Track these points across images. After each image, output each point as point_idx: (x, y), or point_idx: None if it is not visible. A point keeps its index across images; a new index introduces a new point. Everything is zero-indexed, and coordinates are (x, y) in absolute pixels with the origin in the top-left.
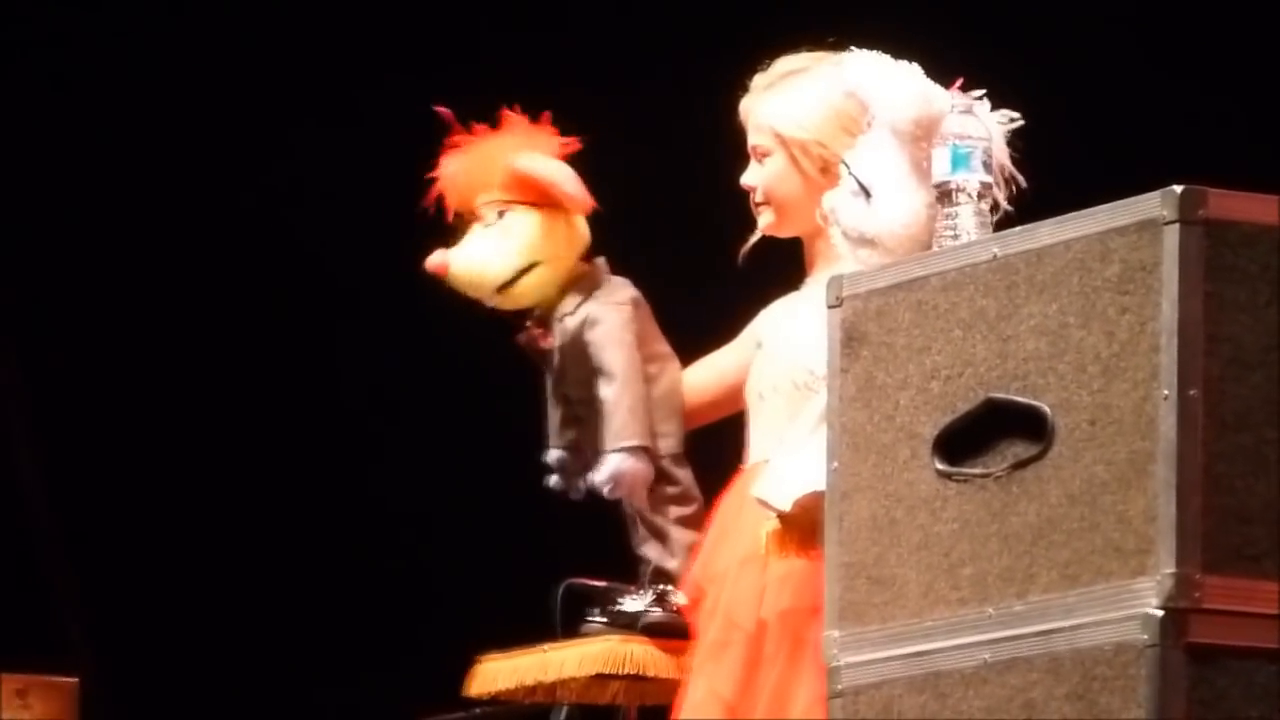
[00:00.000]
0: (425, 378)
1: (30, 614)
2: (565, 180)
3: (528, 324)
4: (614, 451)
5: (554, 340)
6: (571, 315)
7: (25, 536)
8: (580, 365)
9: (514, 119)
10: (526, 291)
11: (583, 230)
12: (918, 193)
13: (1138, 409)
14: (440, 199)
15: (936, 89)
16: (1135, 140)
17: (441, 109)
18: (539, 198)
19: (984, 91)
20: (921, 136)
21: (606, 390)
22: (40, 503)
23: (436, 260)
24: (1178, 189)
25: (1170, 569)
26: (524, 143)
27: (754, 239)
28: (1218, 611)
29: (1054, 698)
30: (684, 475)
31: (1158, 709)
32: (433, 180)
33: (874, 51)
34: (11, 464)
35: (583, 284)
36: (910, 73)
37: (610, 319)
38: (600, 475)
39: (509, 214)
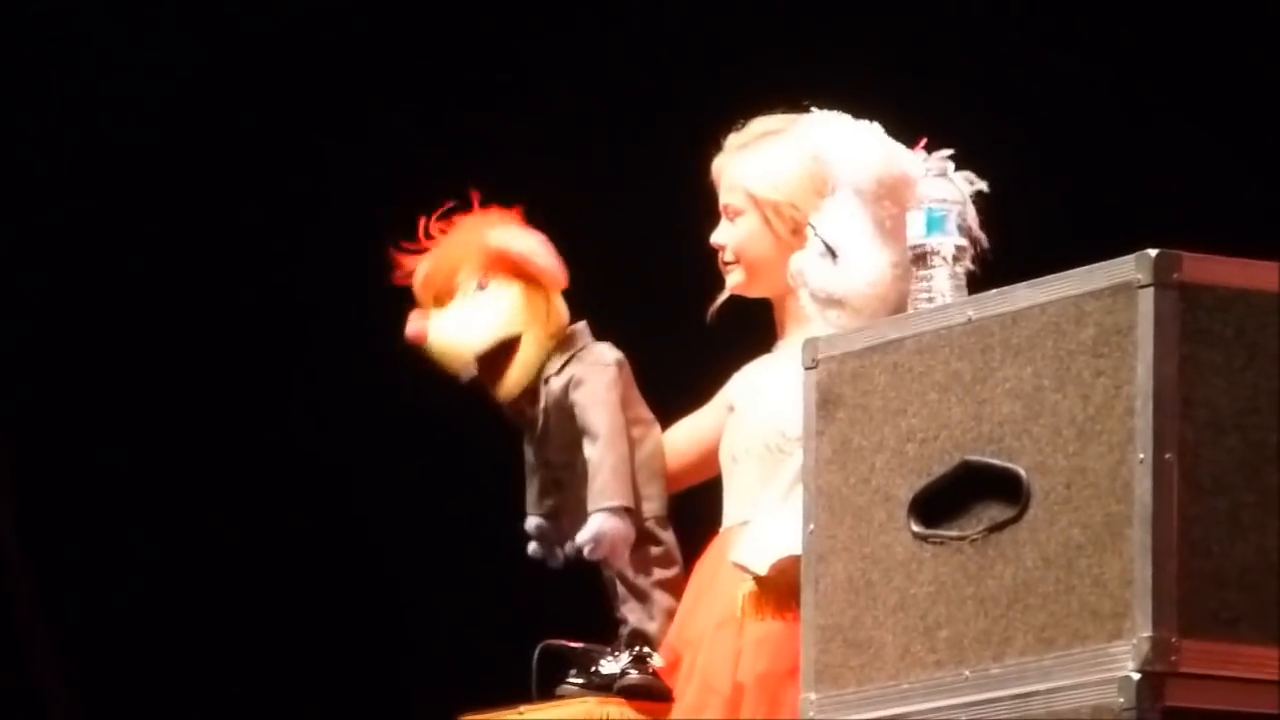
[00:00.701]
0: (411, 440)
1: (10, 683)
2: (540, 255)
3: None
4: (597, 511)
5: (533, 408)
6: (556, 376)
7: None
8: (564, 427)
9: (483, 204)
10: (513, 369)
11: (559, 303)
12: (882, 252)
13: (1113, 472)
14: (415, 281)
15: (899, 149)
16: (1110, 201)
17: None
18: (516, 272)
19: (952, 151)
20: (884, 196)
21: (591, 450)
22: (21, 570)
23: (415, 328)
24: (1152, 253)
25: (1147, 633)
26: (496, 221)
27: (722, 298)
28: (1195, 675)
29: None
30: (667, 537)
31: None
32: (408, 261)
33: (836, 112)
34: None
35: (566, 347)
36: (871, 133)
37: (595, 380)
38: (583, 535)
39: (490, 286)
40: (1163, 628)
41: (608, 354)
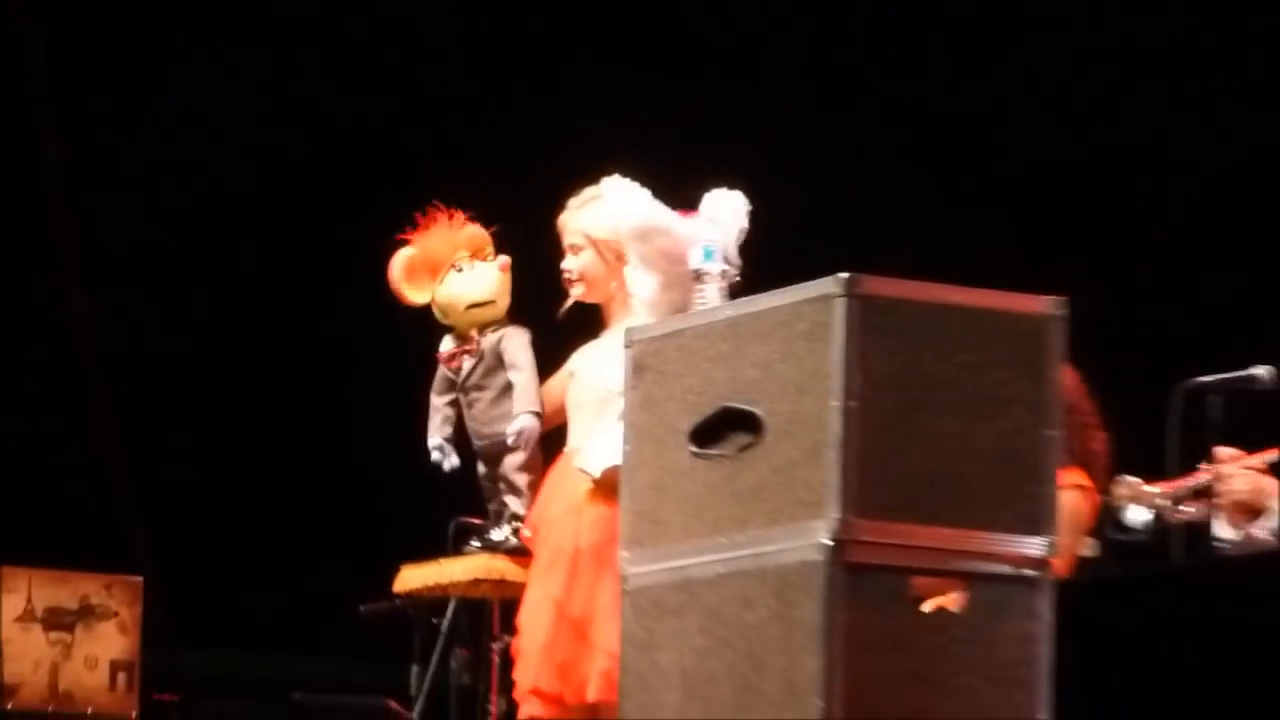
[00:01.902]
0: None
1: (101, 525)
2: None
3: (446, 347)
4: (523, 413)
5: (475, 348)
6: (493, 333)
7: (98, 459)
8: (490, 364)
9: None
10: (482, 315)
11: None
12: (650, 277)
13: (818, 415)
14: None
15: (656, 208)
16: (824, 235)
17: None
18: (488, 254)
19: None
20: (640, 239)
21: (517, 376)
22: (109, 426)
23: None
24: (844, 275)
25: (836, 515)
26: (462, 224)
27: (568, 304)
28: (865, 543)
29: (762, 594)
30: (536, 453)
31: (825, 604)
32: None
33: (627, 182)
34: (84, 395)
35: (503, 321)
36: (634, 198)
37: (520, 337)
38: (513, 427)
39: (477, 264)
40: (846, 512)
41: (526, 331)
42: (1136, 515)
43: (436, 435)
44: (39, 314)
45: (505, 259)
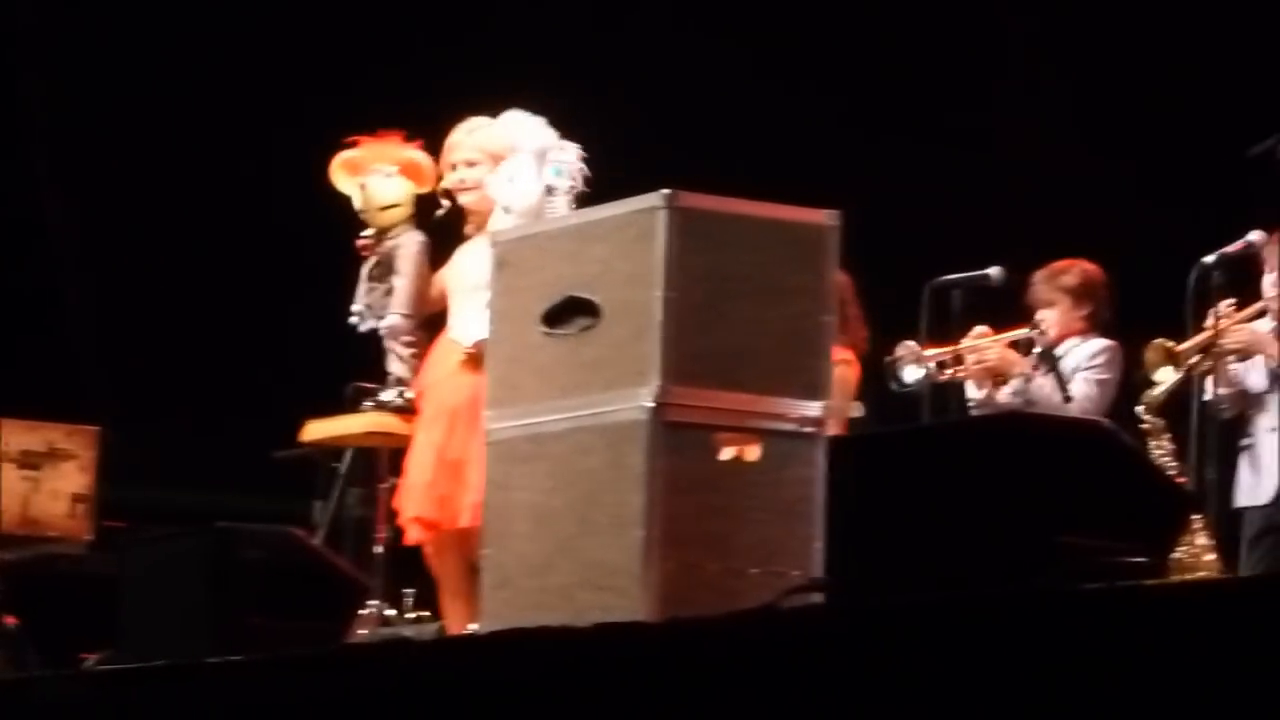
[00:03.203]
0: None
1: (67, 383)
2: (428, 171)
3: (365, 234)
4: (393, 314)
5: (375, 247)
6: (396, 235)
7: (66, 335)
8: (388, 262)
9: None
10: (389, 216)
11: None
12: (533, 187)
13: (644, 303)
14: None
15: (548, 133)
16: (650, 154)
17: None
18: (410, 173)
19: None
20: (538, 158)
21: (398, 281)
22: (82, 313)
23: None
24: (665, 191)
25: (657, 383)
26: (398, 141)
27: (448, 208)
28: (679, 405)
29: (597, 446)
30: (421, 335)
31: (648, 453)
32: (349, 145)
33: (520, 112)
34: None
35: (407, 223)
36: (535, 122)
37: (412, 244)
38: (384, 324)
39: (397, 175)
40: (665, 380)
41: (419, 234)
42: (912, 374)
43: (359, 303)
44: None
45: (420, 180)
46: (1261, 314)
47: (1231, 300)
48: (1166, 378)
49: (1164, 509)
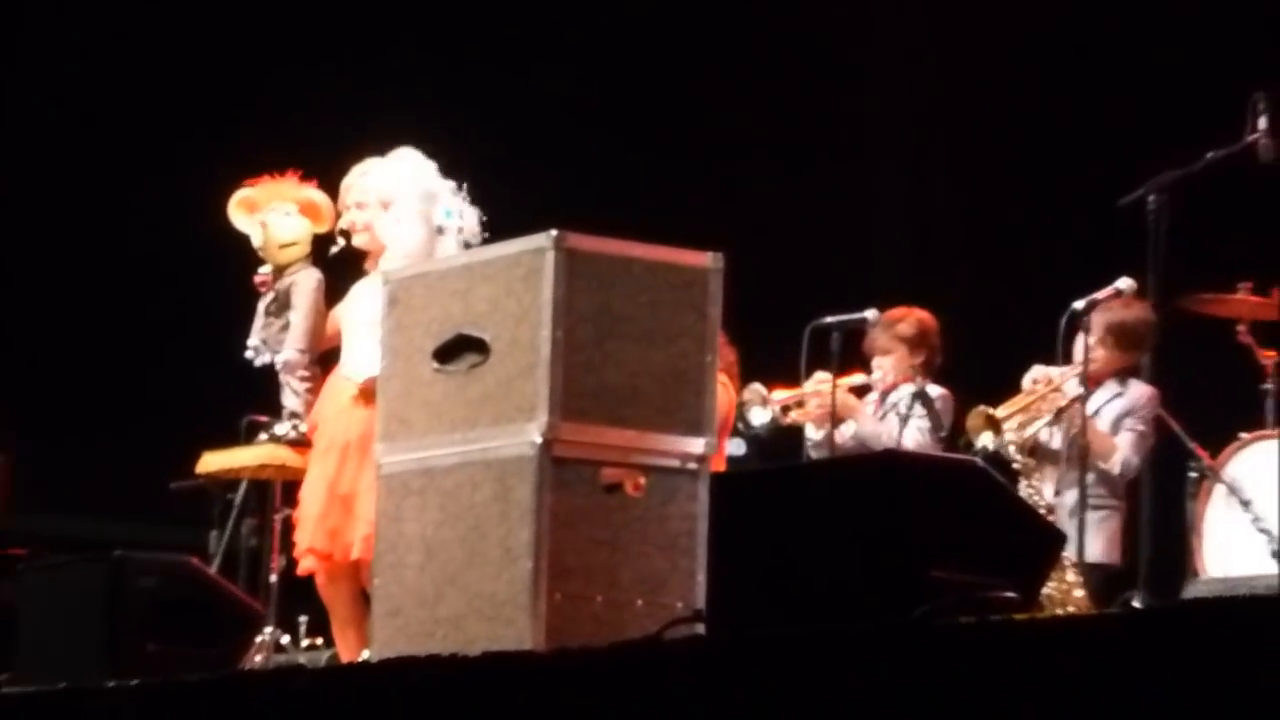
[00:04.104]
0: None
1: None
2: (327, 210)
3: (263, 271)
4: (289, 350)
5: (272, 284)
6: (293, 273)
7: None
8: (284, 298)
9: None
10: (287, 254)
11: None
12: (416, 230)
13: (531, 340)
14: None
15: (434, 175)
16: (543, 200)
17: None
18: (310, 212)
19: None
20: (424, 200)
21: (294, 316)
22: None
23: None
24: (553, 232)
25: (544, 419)
26: (296, 181)
27: (343, 246)
28: (566, 441)
29: (486, 480)
30: (315, 369)
31: (535, 488)
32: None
33: (411, 150)
34: None
35: (304, 261)
36: (416, 164)
37: (309, 281)
38: (280, 359)
39: (296, 214)
40: (552, 417)
41: (316, 271)
42: (758, 416)
43: (255, 337)
44: None
45: (318, 220)
46: (1072, 376)
47: (1042, 366)
48: (987, 442)
49: (1033, 546)
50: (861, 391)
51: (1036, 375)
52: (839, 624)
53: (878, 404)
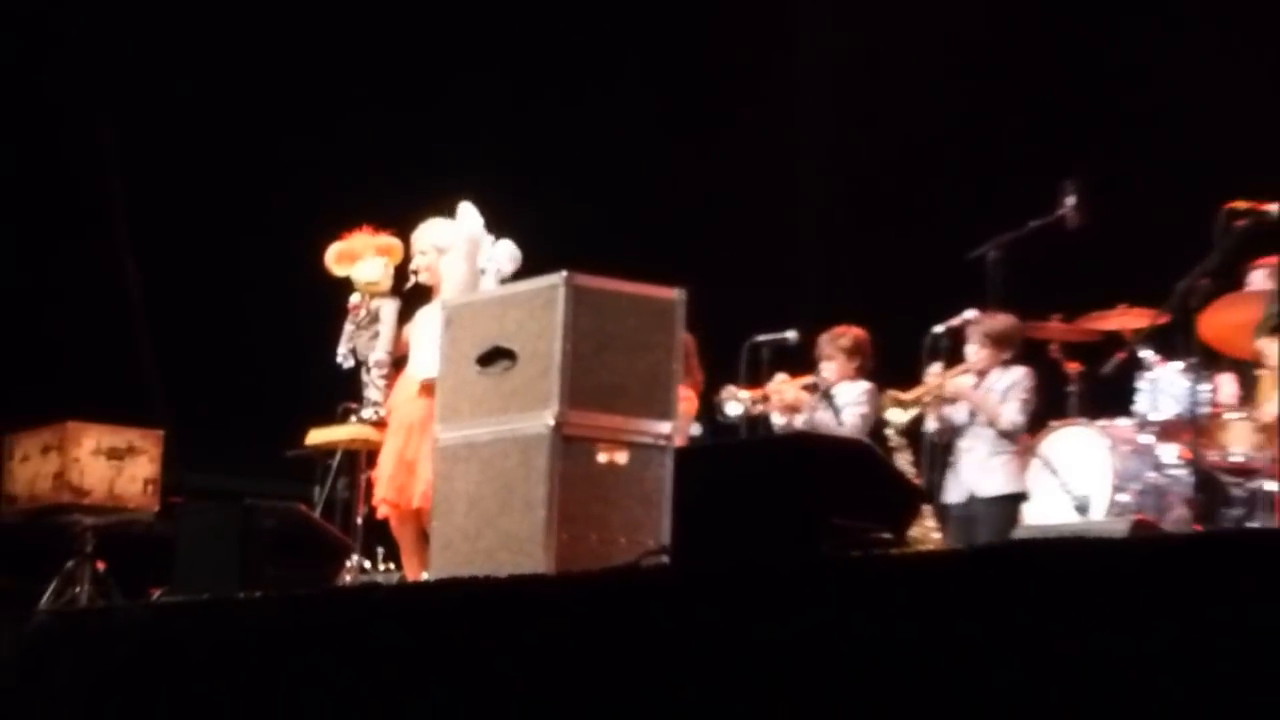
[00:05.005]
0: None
1: (139, 398)
2: (398, 247)
3: (354, 299)
4: (380, 354)
5: (367, 306)
6: (376, 301)
7: (127, 329)
8: (372, 319)
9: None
10: (374, 288)
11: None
12: (463, 270)
13: (548, 351)
14: (342, 245)
15: (477, 225)
16: (557, 247)
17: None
18: (385, 252)
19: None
20: (469, 248)
21: (382, 328)
22: (139, 302)
23: (342, 267)
24: (564, 273)
25: (557, 408)
26: (375, 234)
27: (413, 283)
28: (572, 423)
29: (514, 451)
30: (391, 370)
31: (549, 457)
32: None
33: (469, 205)
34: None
35: (386, 292)
36: (470, 218)
37: (390, 308)
38: (372, 359)
39: (375, 257)
40: (562, 406)
41: (396, 301)
42: (733, 409)
43: (343, 348)
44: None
45: (394, 256)
46: (966, 372)
47: (940, 363)
48: (895, 417)
49: (903, 501)
50: (811, 389)
51: (934, 369)
52: (766, 556)
53: (822, 397)
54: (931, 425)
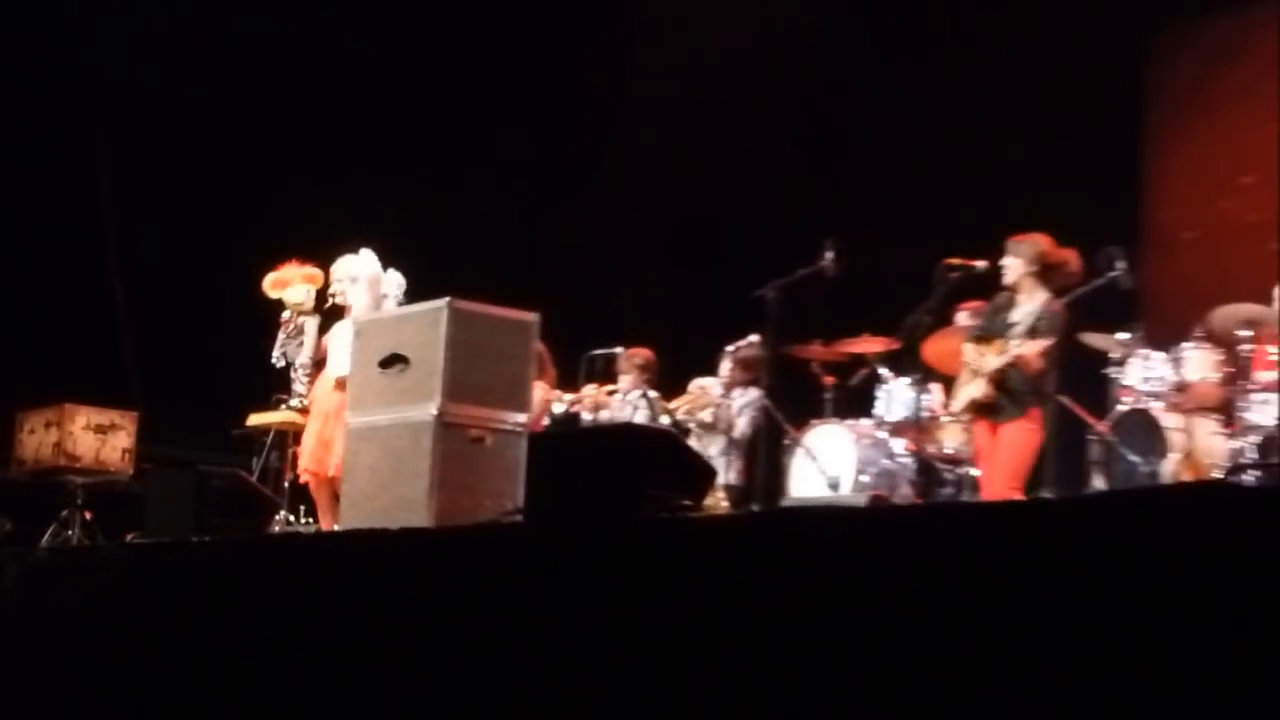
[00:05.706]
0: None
1: (118, 382)
2: (320, 276)
3: (285, 315)
4: (304, 357)
5: (295, 321)
6: (303, 317)
7: (105, 312)
8: (299, 331)
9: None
10: (300, 308)
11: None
12: (368, 297)
13: (434, 357)
14: (277, 274)
15: (376, 265)
16: (439, 274)
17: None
18: (309, 280)
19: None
20: (373, 280)
21: (306, 340)
22: (123, 311)
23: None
24: (447, 299)
25: (439, 400)
26: (302, 266)
27: (331, 304)
28: (451, 413)
29: (406, 434)
30: (313, 370)
31: (434, 439)
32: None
33: (363, 252)
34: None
35: (310, 311)
36: (368, 258)
37: (313, 323)
38: (298, 362)
39: (301, 284)
40: (443, 399)
41: (318, 317)
42: (558, 408)
43: (276, 352)
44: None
45: (316, 283)
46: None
47: (701, 381)
48: (665, 420)
49: (699, 477)
50: (614, 394)
51: (698, 383)
52: (598, 516)
53: (621, 401)
54: (703, 421)
